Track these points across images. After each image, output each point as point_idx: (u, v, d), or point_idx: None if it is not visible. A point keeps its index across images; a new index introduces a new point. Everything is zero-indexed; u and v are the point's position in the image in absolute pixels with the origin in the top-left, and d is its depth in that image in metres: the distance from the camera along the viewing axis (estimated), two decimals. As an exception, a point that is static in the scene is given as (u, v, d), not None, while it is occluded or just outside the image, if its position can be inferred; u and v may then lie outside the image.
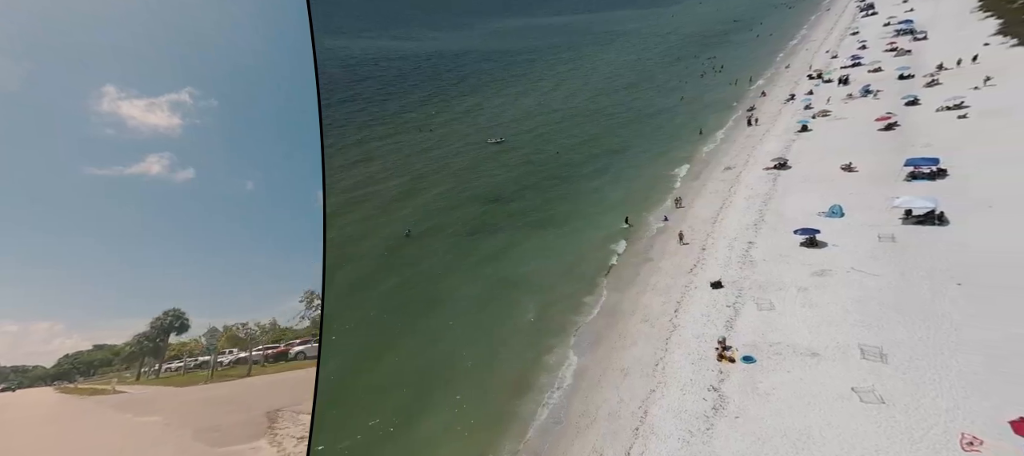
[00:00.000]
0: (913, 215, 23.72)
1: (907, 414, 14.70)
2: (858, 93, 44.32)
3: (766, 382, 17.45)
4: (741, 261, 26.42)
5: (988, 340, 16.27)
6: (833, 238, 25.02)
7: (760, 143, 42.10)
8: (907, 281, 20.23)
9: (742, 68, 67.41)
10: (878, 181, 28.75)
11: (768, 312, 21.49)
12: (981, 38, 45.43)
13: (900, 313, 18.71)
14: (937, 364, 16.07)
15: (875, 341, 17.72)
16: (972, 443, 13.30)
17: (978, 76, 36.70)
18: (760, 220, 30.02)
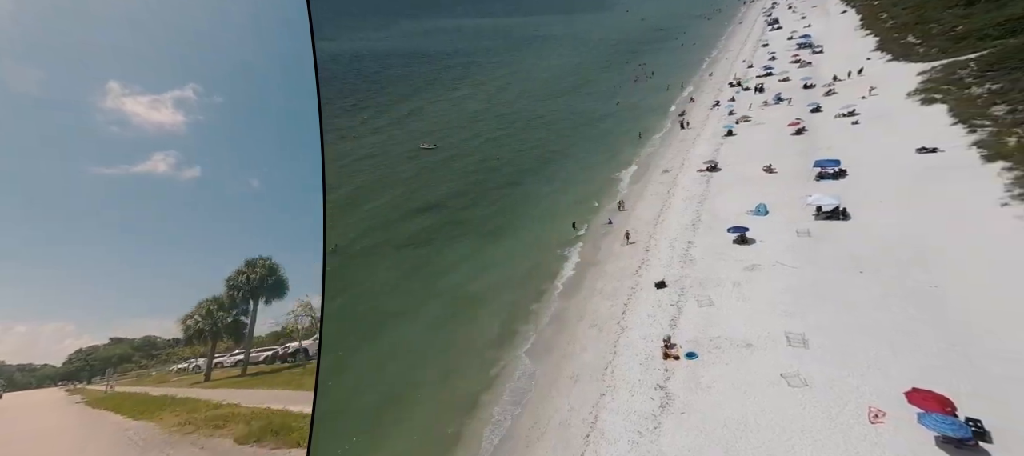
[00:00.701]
0: (823, 211, 26.49)
1: (826, 394, 16.18)
2: (772, 100, 49.41)
3: (708, 376, 18.39)
4: (682, 260, 27.79)
5: (885, 321, 18.41)
6: (760, 234, 27.15)
7: (693, 146, 45.11)
8: (821, 271, 22.46)
9: (672, 75, 71.96)
10: (794, 181, 31.86)
11: (708, 308, 22.72)
12: (865, 53, 53.15)
13: (817, 301, 20.65)
14: (847, 345, 17.89)
15: (799, 328, 19.34)
16: (877, 416, 14.85)
17: (865, 87, 42.62)
18: (697, 220, 31.91)
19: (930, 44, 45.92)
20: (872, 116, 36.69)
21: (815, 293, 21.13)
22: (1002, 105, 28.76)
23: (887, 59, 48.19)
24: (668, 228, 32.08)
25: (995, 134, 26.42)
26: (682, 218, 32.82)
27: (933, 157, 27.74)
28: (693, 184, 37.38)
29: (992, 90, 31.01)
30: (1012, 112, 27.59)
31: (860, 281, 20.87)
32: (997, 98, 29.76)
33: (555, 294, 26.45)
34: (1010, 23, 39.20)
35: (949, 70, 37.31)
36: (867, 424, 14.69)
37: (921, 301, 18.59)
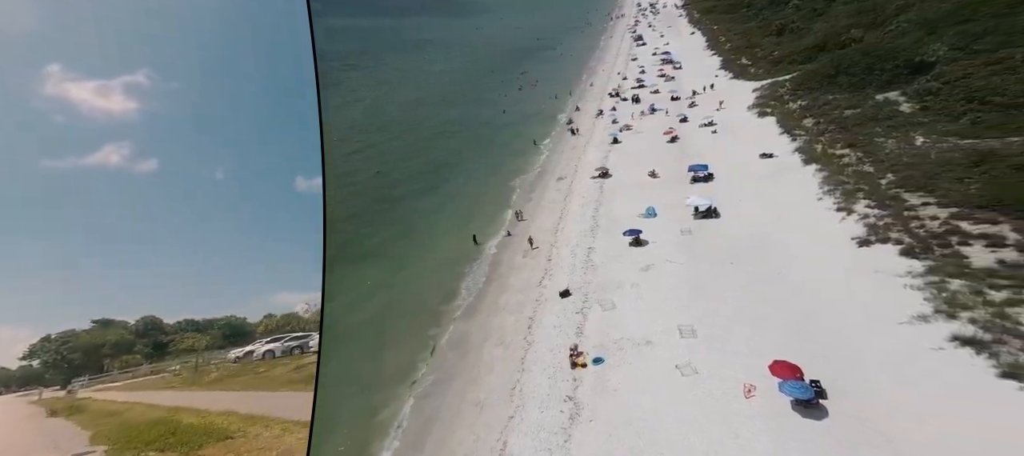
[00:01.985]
0: (700, 211, 29.49)
1: (711, 378, 17.60)
2: (648, 111, 55.10)
3: (614, 378, 18.90)
4: (585, 266, 28.17)
5: (750, 304, 20.78)
6: (652, 236, 28.97)
7: (584, 153, 47.43)
8: (702, 265, 24.67)
9: (556, 84, 75.68)
10: (674, 184, 35.18)
11: (611, 311, 23.29)
12: (713, 71, 63.28)
13: (701, 292, 22.55)
14: (725, 330, 19.75)
15: (688, 320, 20.84)
16: (750, 391, 16.47)
17: (717, 101, 50.28)
18: (595, 225, 32.96)
19: (758, 66, 56.86)
20: (726, 126, 43.07)
21: (699, 286, 23.16)
22: (810, 119, 36.10)
23: (730, 77, 58.03)
24: (568, 235, 32.55)
25: (808, 142, 32.95)
26: (581, 224, 33.62)
27: (772, 161, 33.27)
28: (588, 190, 38.92)
29: (802, 106, 38.99)
30: (817, 124, 34.84)
31: (731, 271, 23.45)
32: (806, 113, 37.43)
33: (456, 316, 25.26)
34: (806, 52, 50.71)
35: (773, 88, 46.20)
36: (743, 400, 16.33)
37: (773, 284, 21.54)
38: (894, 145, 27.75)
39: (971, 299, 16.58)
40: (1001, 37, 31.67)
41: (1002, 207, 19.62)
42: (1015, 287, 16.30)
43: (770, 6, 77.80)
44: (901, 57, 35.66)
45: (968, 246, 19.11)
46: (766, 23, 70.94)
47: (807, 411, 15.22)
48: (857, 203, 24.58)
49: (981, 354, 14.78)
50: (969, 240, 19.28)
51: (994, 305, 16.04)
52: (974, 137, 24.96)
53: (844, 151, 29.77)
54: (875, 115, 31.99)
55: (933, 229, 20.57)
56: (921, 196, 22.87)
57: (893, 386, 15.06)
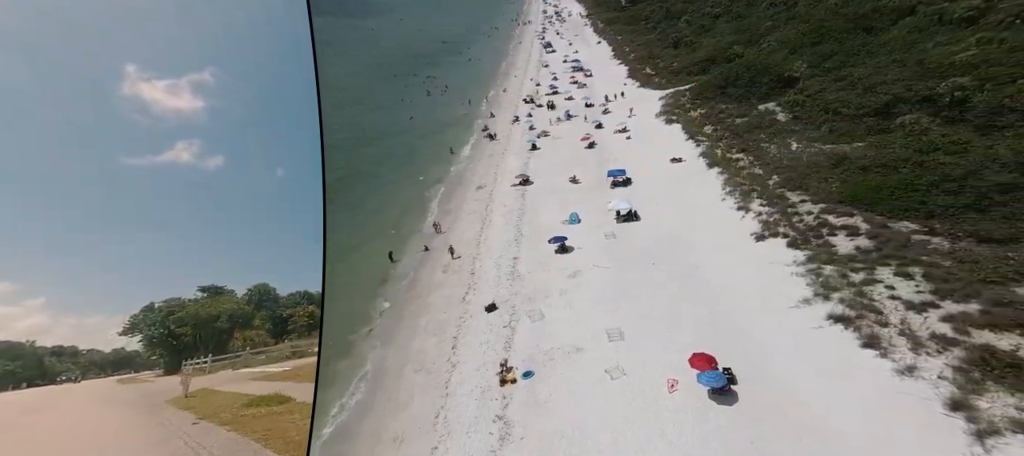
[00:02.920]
0: (621, 215, 31.65)
1: (639, 377, 18.77)
2: (563, 117, 58.18)
3: (544, 390, 19.26)
4: (510, 277, 28.35)
5: (671, 301, 22.77)
6: (577, 241, 30.22)
7: (502, 161, 48.21)
8: (626, 268, 26.35)
9: (467, 89, 76.32)
10: (595, 189, 37.41)
11: (540, 322, 23.75)
12: (622, 79, 69.44)
13: (626, 295, 24.02)
14: (650, 329, 21.27)
15: (616, 323, 21.98)
16: (673, 385, 17.96)
17: (627, 108, 55.07)
18: (519, 234, 33.43)
19: (661, 76, 63.88)
20: (638, 132, 47.29)
21: (624, 288, 24.61)
22: (709, 126, 41.45)
23: (637, 85, 64.18)
24: (492, 246, 32.56)
25: (710, 147, 37.74)
26: (504, 234, 33.87)
27: (681, 165, 37.31)
28: (509, 199, 39.49)
29: (702, 114, 44.61)
30: (715, 131, 40.17)
31: (653, 271, 25.40)
32: (706, 120, 42.95)
33: (370, 343, 24.34)
34: (700, 65, 58.43)
35: (676, 97, 52.17)
36: (668, 395, 17.67)
37: (690, 280, 23.85)
38: (776, 150, 33.14)
39: (839, 282, 20.16)
40: (843, 57, 39.99)
41: (854, 202, 24.41)
42: (868, 269, 20.23)
43: (665, 20, 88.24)
44: (773, 72, 43.01)
45: (834, 236, 23.34)
46: (664, 36, 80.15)
47: (722, 397, 16.99)
48: (752, 202, 28.57)
49: (848, 328, 17.93)
50: (835, 231, 23.59)
51: (855, 285, 19.68)
52: (832, 143, 30.99)
53: (739, 155, 34.64)
54: (760, 123, 37.96)
55: (809, 223, 24.78)
56: (799, 195, 27.48)
57: (787, 364, 17.56)
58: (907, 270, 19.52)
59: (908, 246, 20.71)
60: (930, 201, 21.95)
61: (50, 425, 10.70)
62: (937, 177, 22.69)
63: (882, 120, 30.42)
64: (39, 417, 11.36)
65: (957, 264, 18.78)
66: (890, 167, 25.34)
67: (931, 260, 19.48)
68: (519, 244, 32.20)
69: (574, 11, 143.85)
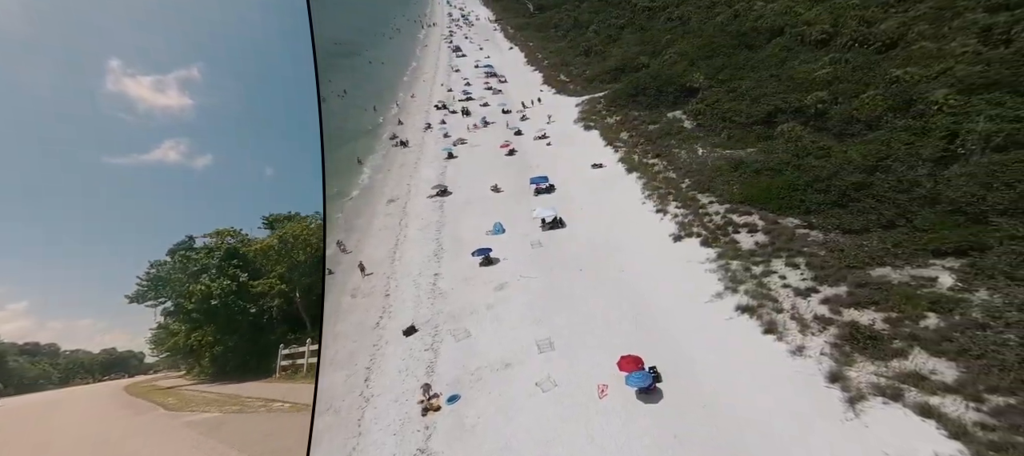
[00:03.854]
0: (547, 222, 33.28)
1: (569, 387, 19.81)
2: (480, 123, 59.47)
3: (472, 414, 19.50)
4: (431, 296, 28.18)
5: (599, 306, 24.42)
6: (502, 252, 31.04)
7: (416, 170, 47.77)
8: (554, 276, 27.71)
9: (370, 94, 74.93)
10: (518, 197, 38.83)
11: (466, 340, 23.97)
12: (537, 85, 73.17)
13: (555, 303, 25.24)
14: (581, 337, 22.56)
15: (545, 334, 22.99)
16: (603, 390, 19.26)
17: (545, 114, 58.19)
18: (439, 249, 33.33)
19: (575, 83, 68.74)
20: (558, 139, 50.25)
21: (553, 297, 25.83)
22: (625, 132, 45.71)
23: (553, 92, 68.18)
24: (409, 264, 32.09)
25: (627, 153, 41.61)
26: (423, 249, 33.52)
27: (602, 171, 40.46)
28: (426, 211, 39.21)
29: (617, 121, 48.98)
30: (631, 137, 44.49)
31: (581, 278, 27.07)
32: (622, 127, 47.29)
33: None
34: (611, 73, 64.18)
35: (592, 104, 56.55)
36: (598, 401, 18.85)
37: (617, 284, 25.87)
38: (685, 155, 37.76)
39: (743, 275, 23.61)
40: (732, 71, 47.14)
41: (751, 202, 28.89)
42: (765, 262, 24.05)
43: (574, 28, 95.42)
44: (677, 82, 49.05)
45: (738, 234, 27.32)
46: (574, 44, 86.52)
47: (648, 396, 18.53)
48: (669, 205, 32.13)
49: (752, 317, 20.97)
50: (738, 229, 27.64)
51: (756, 277, 23.23)
52: (731, 149, 36.37)
53: (654, 161, 38.72)
54: (669, 130, 42.93)
55: (718, 223, 28.65)
56: (707, 196, 31.62)
57: (704, 356, 19.87)
58: (794, 261, 23.58)
59: (794, 239, 25.05)
60: (807, 199, 26.83)
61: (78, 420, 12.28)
62: (810, 178, 27.86)
63: (767, 128, 36.52)
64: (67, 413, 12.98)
65: (829, 253, 23.20)
66: (776, 170, 30.46)
67: (811, 251, 23.80)
68: (439, 259, 32.10)
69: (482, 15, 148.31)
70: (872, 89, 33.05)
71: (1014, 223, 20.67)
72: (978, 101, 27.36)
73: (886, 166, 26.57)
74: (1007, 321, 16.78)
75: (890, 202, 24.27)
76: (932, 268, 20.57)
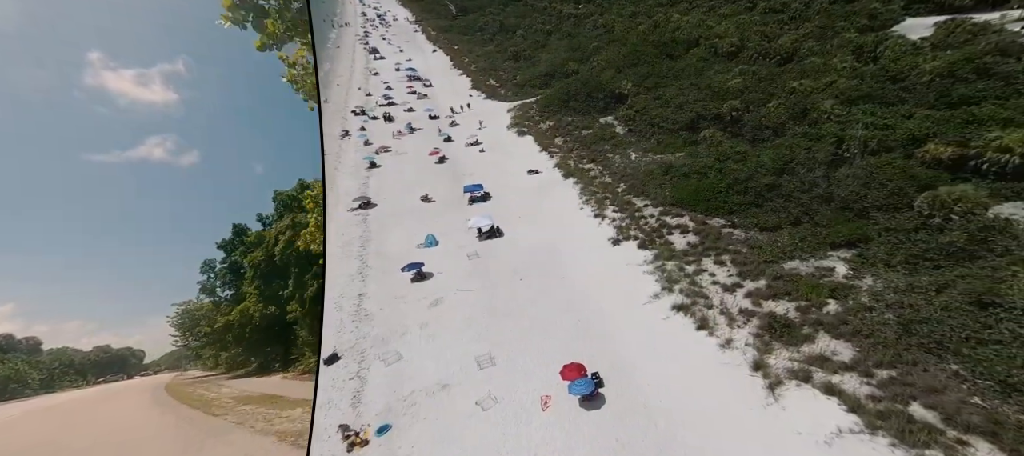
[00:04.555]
0: (483, 232, 34.12)
1: (512, 402, 20.48)
2: (405, 130, 59.09)
3: (405, 444, 19.63)
4: (355, 319, 27.82)
5: (541, 315, 25.55)
6: (436, 266, 31.32)
7: (333, 182, 46.32)
8: (494, 288, 28.54)
9: None
10: (452, 207, 39.32)
11: (396, 364, 23.98)
12: (466, 90, 74.31)
13: (496, 316, 25.99)
14: (523, 349, 23.41)
15: (485, 349, 23.59)
16: (546, 402, 20.15)
17: (476, 120, 59.32)
18: (364, 266, 32.78)
19: (506, 88, 70.95)
20: (491, 145, 51.51)
21: (493, 309, 26.57)
22: (560, 138, 48.24)
23: (483, 97, 69.72)
24: (329, 283, 31.28)
25: (563, 159, 44.02)
26: (344, 267, 32.82)
27: (538, 177, 42.33)
28: (348, 226, 38.33)
29: (551, 126, 51.50)
30: (565, 142, 47.06)
31: (522, 287, 28.17)
32: (556, 133, 49.79)
33: None
34: (541, 78, 67.26)
35: (524, 109, 58.80)
36: (541, 413, 19.68)
37: (558, 291, 27.20)
38: (619, 160, 40.85)
39: (678, 275, 26.26)
40: (656, 79, 51.89)
41: (682, 204, 32.17)
42: (697, 261, 26.96)
43: (501, 32, 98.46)
44: (606, 89, 52.86)
45: (672, 235, 30.30)
46: (502, 48, 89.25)
47: (591, 403, 19.44)
48: (606, 209, 34.57)
49: (686, 315, 23.34)
50: (672, 230, 30.65)
51: (689, 276, 25.96)
52: (661, 153, 40.10)
53: (590, 166, 41.40)
54: (603, 135, 46.12)
55: (653, 225, 31.52)
56: (642, 200, 34.57)
57: (644, 357, 21.50)
58: (721, 258, 26.72)
59: (720, 238, 28.36)
60: (729, 200, 30.52)
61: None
62: (731, 180, 31.74)
63: (691, 133, 40.81)
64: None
65: (750, 250, 26.64)
66: (702, 173, 34.18)
67: (735, 248, 27.14)
68: (364, 277, 31.62)
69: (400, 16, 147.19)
70: (776, 99, 38.49)
71: (888, 217, 25.41)
72: (856, 111, 33.17)
73: (791, 169, 31.07)
74: (886, 302, 20.55)
75: (796, 201, 28.50)
76: (830, 259, 24.48)
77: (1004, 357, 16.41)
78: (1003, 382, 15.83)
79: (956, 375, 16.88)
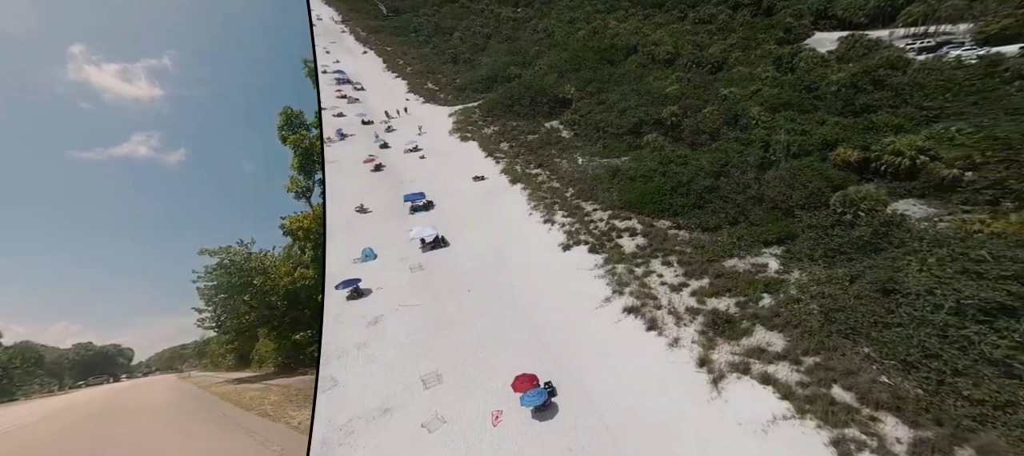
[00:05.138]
0: (427, 243, 34.31)
1: (461, 421, 20.62)
2: (335, 136, 57.84)
3: None
4: None
5: (490, 326, 26.03)
6: (375, 281, 31.08)
7: (263, 191, 44.63)
8: (439, 301, 28.76)
9: None
10: (391, 217, 39.11)
11: (331, 391, 23.61)
12: (403, 93, 73.91)
13: (443, 331, 26.18)
14: (472, 363, 23.70)
15: (432, 367, 23.67)
16: (497, 417, 20.44)
17: (414, 125, 59.28)
18: (298, 285, 31.92)
19: (445, 92, 71.43)
20: (433, 151, 51.68)
21: (440, 324, 26.75)
22: (505, 143, 49.53)
23: (421, 101, 69.76)
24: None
25: (509, 164, 45.19)
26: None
27: (484, 183, 43.07)
28: (280, 240, 37.10)
29: (496, 131, 52.67)
30: (511, 148, 48.35)
31: (470, 299, 28.60)
32: (501, 138, 50.99)
33: None
34: (483, 82, 68.48)
35: (466, 114, 59.59)
36: (492, 429, 19.93)
37: (508, 300, 27.89)
38: (566, 164, 42.78)
39: (628, 277, 28.02)
40: (599, 84, 54.85)
41: (630, 207, 34.37)
42: (645, 262, 28.95)
43: (438, 34, 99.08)
44: (550, 93, 55.05)
45: (621, 238, 32.17)
46: (439, 50, 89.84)
47: (544, 414, 19.77)
48: (556, 214, 35.99)
49: (637, 317, 24.90)
50: (621, 233, 32.57)
51: (639, 278, 27.83)
52: (607, 157, 42.43)
53: (537, 171, 42.95)
54: (549, 140, 48.07)
55: (602, 229, 33.28)
56: (591, 204, 36.42)
57: (597, 362, 22.47)
58: (669, 259, 28.86)
59: (667, 240, 30.62)
60: (674, 202, 33.04)
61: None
62: (674, 183, 34.39)
63: (635, 138, 43.64)
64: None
65: (694, 250, 29.10)
66: (647, 176, 36.67)
67: (681, 249, 29.46)
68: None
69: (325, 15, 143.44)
70: (710, 105, 42.24)
71: (809, 215, 28.83)
72: (779, 117, 37.35)
73: (727, 172, 34.31)
74: (811, 294, 23.40)
75: (733, 202, 31.47)
76: (764, 256, 27.27)
77: (903, 337, 19.30)
78: (903, 361, 18.62)
79: (868, 357, 19.58)
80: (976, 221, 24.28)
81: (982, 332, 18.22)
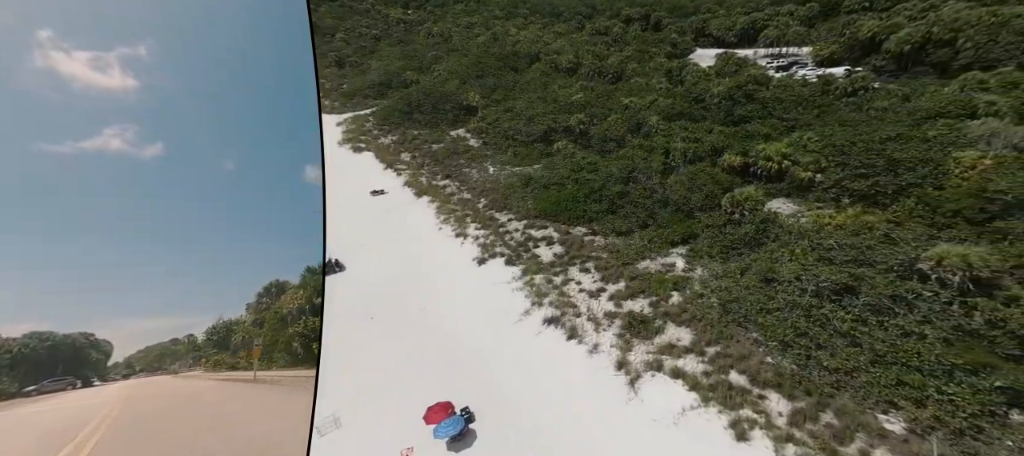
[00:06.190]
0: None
1: None
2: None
3: None
4: None
5: (399, 357, 26.05)
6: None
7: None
8: (338, 333, 28.26)
9: None
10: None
11: None
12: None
13: (341, 368, 25.37)
14: (379, 400, 23.43)
15: (329, 410, 22.63)
16: (408, 453, 20.08)
17: (299, 134, 57.50)
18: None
19: (332, 98, 70.00)
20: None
21: (338, 361, 26.02)
22: (406, 153, 50.33)
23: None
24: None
25: (412, 176, 45.93)
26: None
27: (385, 198, 43.27)
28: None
29: (395, 141, 53.22)
30: (414, 158, 49.18)
31: (373, 327, 28.64)
32: (401, 148, 51.64)
33: None
34: (376, 88, 68.50)
35: (359, 123, 59.20)
36: None
37: (419, 325, 28.16)
38: (476, 174, 44.70)
39: (547, 287, 30.28)
40: (504, 91, 58.07)
41: (545, 216, 37.22)
42: (563, 271, 31.64)
43: (317, 33, 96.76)
44: (453, 100, 57.09)
45: (538, 247, 34.56)
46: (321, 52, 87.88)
47: (461, 443, 20.01)
48: (468, 227, 37.53)
49: (557, 327, 26.71)
50: (538, 243, 34.96)
51: (557, 287, 30.34)
52: (519, 165, 45.17)
53: (445, 182, 44.27)
54: (455, 149, 49.69)
55: (518, 239, 35.50)
56: (505, 214, 38.54)
57: (518, 379, 23.45)
58: (586, 265, 31.72)
59: (583, 246, 33.67)
60: (588, 209, 36.45)
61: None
62: (587, 190, 37.96)
63: (546, 145, 47.12)
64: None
65: (610, 255, 32.56)
66: (560, 184, 39.85)
67: (597, 255, 32.62)
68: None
69: None
70: (614, 114, 47.25)
71: (707, 215, 33.85)
72: (675, 126, 43.20)
73: (634, 177, 38.82)
74: (711, 288, 27.54)
75: (642, 206, 35.70)
76: (672, 256, 31.32)
77: (780, 320, 23.68)
78: (781, 341, 22.79)
79: (756, 341, 23.61)
80: (826, 215, 30.47)
81: (834, 310, 23.06)
